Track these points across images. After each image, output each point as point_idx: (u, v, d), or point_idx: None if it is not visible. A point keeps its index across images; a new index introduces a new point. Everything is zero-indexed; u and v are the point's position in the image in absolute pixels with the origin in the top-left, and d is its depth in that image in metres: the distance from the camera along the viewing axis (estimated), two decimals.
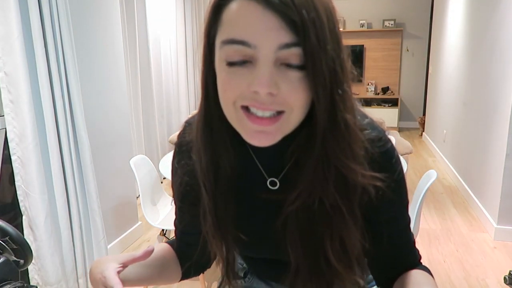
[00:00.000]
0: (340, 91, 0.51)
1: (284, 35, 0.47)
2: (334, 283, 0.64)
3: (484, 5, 3.46)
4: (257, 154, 0.65)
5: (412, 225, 1.86)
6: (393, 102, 6.82)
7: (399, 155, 0.65)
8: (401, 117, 6.97)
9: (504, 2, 2.93)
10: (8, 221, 0.65)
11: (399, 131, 6.17)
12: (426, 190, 1.76)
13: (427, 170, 1.96)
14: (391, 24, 6.74)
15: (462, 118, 4.02)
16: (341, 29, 0.54)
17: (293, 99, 0.50)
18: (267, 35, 0.47)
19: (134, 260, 0.62)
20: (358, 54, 6.80)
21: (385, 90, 7.00)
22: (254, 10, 0.47)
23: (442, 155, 4.85)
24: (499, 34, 3.01)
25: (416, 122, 6.89)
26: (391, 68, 6.99)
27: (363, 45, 6.85)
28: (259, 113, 0.51)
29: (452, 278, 2.42)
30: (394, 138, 2.78)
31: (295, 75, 0.49)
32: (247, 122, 0.52)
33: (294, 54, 0.48)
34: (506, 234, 2.86)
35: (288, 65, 0.49)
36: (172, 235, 1.80)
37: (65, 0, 1.91)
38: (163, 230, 2.34)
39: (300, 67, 0.49)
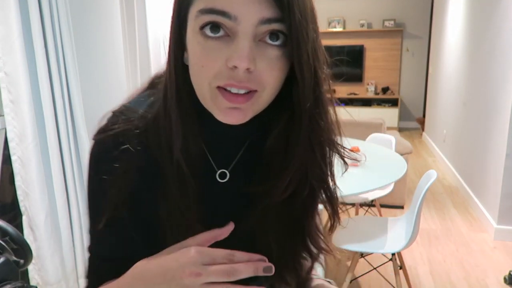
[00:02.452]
0: (324, 70, 0.52)
1: (267, 9, 0.46)
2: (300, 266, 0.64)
3: (484, 5, 3.46)
4: (210, 142, 0.60)
5: (412, 225, 1.86)
6: (393, 102, 6.82)
7: (400, 155, 0.66)
8: (401, 117, 6.98)
9: (504, 2, 2.93)
10: (8, 221, 0.65)
11: (399, 131, 6.16)
12: (426, 190, 1.76)
13: (427, 170, 1.96)
14: (391, 24, 6.74)
15: (462, 118, 4.02)
16: (341, 29, 0.55)
17: (268, 77, 0.49)
18: (249, 7, 0.45)
19: (215, 238, 0.53)
20: (358, 54, 6.79)
21: (385, 90, 7.01)
22: None
23: (442, 155, 4.85)
24: (499, 34, 3.01)
25: (416, 122, 6.89)
26: (391, 68, 7.00)
27: (363, 45, 6.84)
28: (234, 90, 0.49)
29: (452, 278, 2.42)
30: (394, 138, 2.78)
31: (273, 53, 0.48)
32: (221, 100, 0.49)
33: (274, 30, 0.47)
34: (506, 234, 2.86)
35: (266, 42, 0.48)
36: None
37: (65, 0, 1.91)
38: None
39: (278, 45, 0.48)
